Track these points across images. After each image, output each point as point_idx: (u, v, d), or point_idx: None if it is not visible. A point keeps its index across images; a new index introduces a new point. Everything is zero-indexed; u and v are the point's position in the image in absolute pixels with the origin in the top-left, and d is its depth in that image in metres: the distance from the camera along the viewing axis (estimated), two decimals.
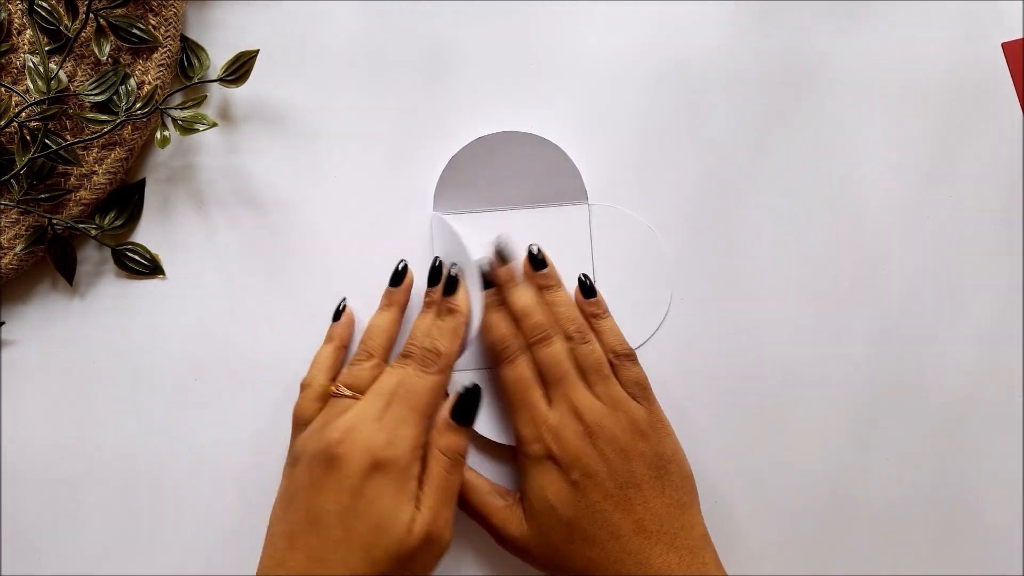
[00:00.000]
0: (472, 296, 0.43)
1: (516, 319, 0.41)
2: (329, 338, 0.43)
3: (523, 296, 0.42)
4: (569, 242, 0.44)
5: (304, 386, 0.41)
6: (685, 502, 0.39)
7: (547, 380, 0.40)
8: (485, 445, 0.43)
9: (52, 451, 0.44)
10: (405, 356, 0.40)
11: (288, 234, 0.45)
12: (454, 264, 0.43)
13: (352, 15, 0.46)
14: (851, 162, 0.45)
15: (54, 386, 0.44)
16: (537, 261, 0.43)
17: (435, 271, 0.42)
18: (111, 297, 0.45)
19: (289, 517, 0.37)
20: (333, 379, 0.42)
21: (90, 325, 0.45)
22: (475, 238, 0.44)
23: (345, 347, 0.43)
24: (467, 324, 0.42)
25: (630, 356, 0.41)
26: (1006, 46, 0.46)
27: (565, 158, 0.45)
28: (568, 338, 0.41)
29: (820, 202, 0.45)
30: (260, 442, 0.43)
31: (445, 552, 0.37)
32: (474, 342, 0.43)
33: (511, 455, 0.43)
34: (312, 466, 0.37)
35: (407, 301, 0.43)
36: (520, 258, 0.43)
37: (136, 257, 0.45)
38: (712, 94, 0.46)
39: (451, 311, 0.41)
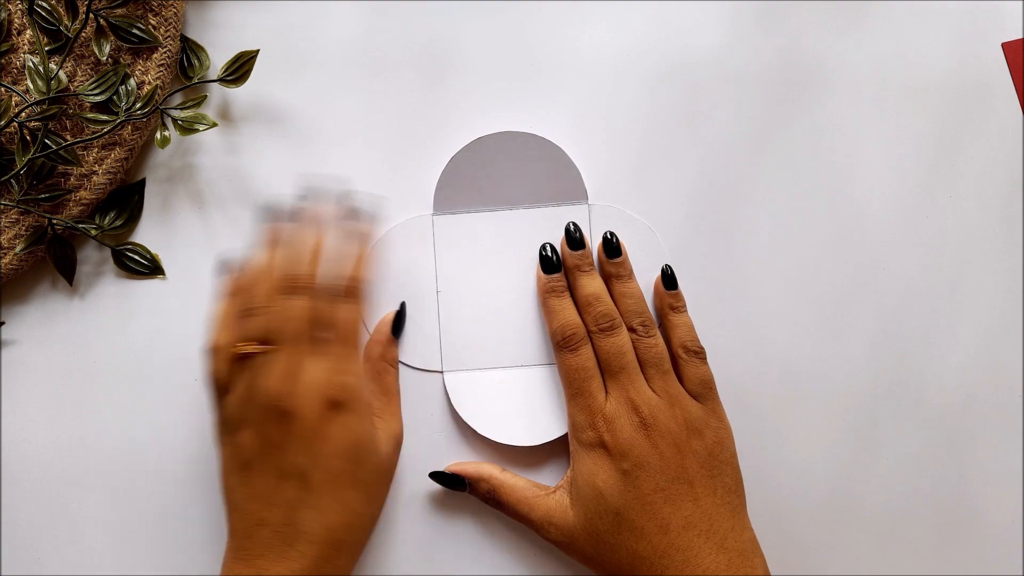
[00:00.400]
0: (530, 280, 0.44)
1: (581, 306, 0.41)
2: (230, 293, 0.40)
3: (593, 283, 0.42)
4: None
5: (214, 349, 0.38)
6: (736, 505, 0.39)
7: (607, 370, 0.40)
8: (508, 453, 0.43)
9: (52, 451, 0.44)
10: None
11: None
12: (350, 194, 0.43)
13: (352, 15, 0.46)
14: (851, 162, 0.45)
15: (54, 386, 0.44)
16: (612, 248, 0.42)
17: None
18: (111, 297, 0.45)
19: (253, 481, 0.36)
20: None
21: (90, 325, 0.45)
22: (476, 237, 0.44)
23: None
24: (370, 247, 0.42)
25: (699, 353, 0.41)
26: (1006, 46, 0.46)
27: (565, 158, 0.45)
28: (632, 330, 0.41)
29: (820, 202, 0.45)
30: None
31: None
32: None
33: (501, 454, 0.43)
34: (264, 428, 0.36)
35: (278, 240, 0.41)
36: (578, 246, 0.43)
37: (136, 257, 0.45)
38: (712, 94, 0.46)
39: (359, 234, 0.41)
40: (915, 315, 0.44)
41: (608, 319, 0.41)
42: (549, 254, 0.43)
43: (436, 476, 0.42)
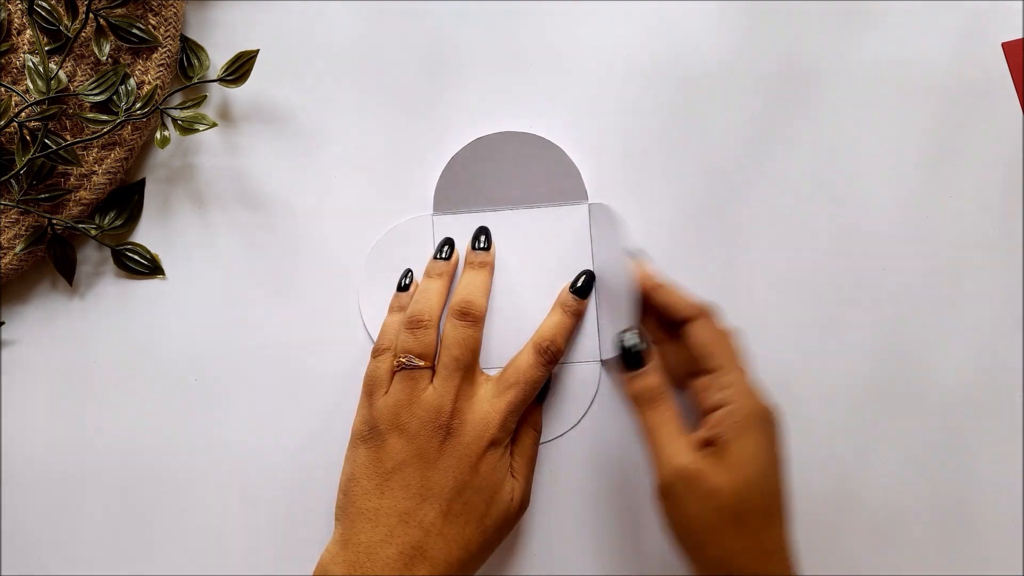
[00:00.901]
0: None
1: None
2: (398, 308, 0.43)
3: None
4: (569, 242, 0.44)
5: (378, 352, 0.40)
6: None
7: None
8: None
9: (52, 451, 0.44)
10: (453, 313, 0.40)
11: (288, 234, 0.45)
12: (483, 229, 0.44)
13: (352, 15, 0.46)
14: (851, 162, 0.45)
15: (54, 386, 0.44)
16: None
17: (474, 237, 0.43)
18: (111, 297, 0.45)
19: (394, 493, 0.37)
20: None
21: (90, 325, 0.45)
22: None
23: None
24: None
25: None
26: (1006, 46, 0.46)
27: (564, 157, 0.45)
28: None
29: (820, 202, 0.45)
30: (260, 441, 0.43)
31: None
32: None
33: None
34: (420, 440, 0.37)
35: (455, 272, 0.43)
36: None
37: (136, 257, 0.45)
38: (712, 94, 0.46)
39: (482, 264, 0.43)
40: (915, 315, 0.44)
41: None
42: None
43: (624, 340, 0.39)
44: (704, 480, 0.35)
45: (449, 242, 0.43)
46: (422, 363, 0.39)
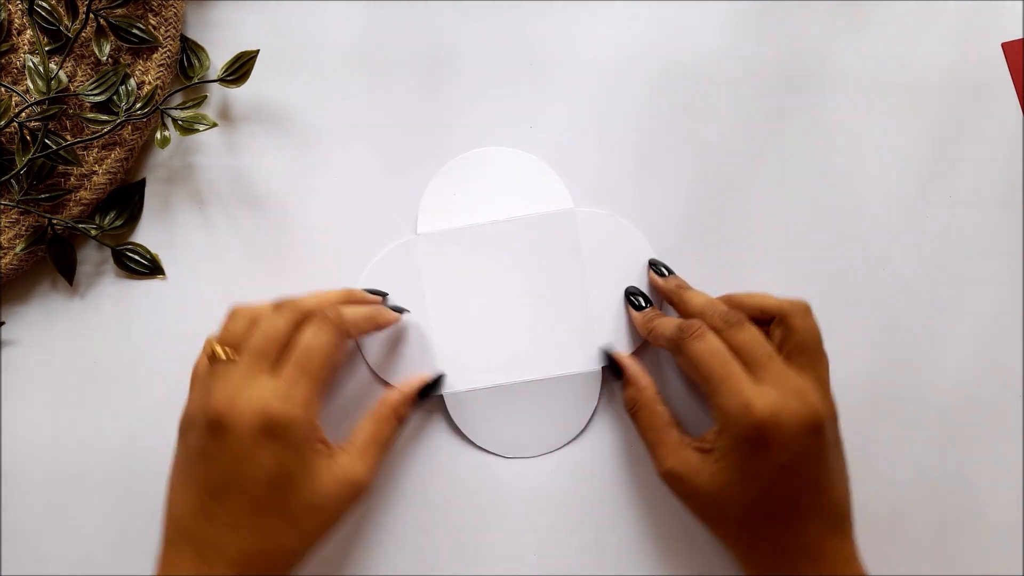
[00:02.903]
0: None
1: (698, 316, 0.40)
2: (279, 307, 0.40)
3: (701, 296, 0.41)
4: (557, 250, 0.44)
5: (204, 345, 0.39)
6: (849, 480, 0.39)
7: (752, 362, 0.37)
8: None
9: (52, 451, 0.44)
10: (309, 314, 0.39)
11: (288, 234, 0.45)
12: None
13: (352, 15, 0.46)
14: (851, 162, 0.45)
15: (54, 386, 0.44)
16: (662, 270, 0.43)
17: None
18: (111, 297, 0.45)
19: (188, 488, 0.36)
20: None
21: (90, 325, 0.45)
22: (465, 252, 0.44)
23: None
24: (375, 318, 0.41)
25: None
26: (1006, 46, 0.46)
27: (545, 168, 0.45)
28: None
29: (820, 202, 0.45)
30: None
31: (363, 495, 0.38)
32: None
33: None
34: (202, 437, 0.36)
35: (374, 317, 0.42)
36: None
37: (136, 257, 0.45)
38: (712, 94, 0.46)
39: (371, 304, 0.42)
40: (915, 315, 0.44)
41: (736, 316, 0.38)
42: (637, 300, 0.43)
43: (607, 355, 0.43)
44: (687, 480, 0.38)
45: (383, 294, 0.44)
46: (225, 354, 0.37)
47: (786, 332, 0.38)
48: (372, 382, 0.44)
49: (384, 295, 0.44)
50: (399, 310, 0.43)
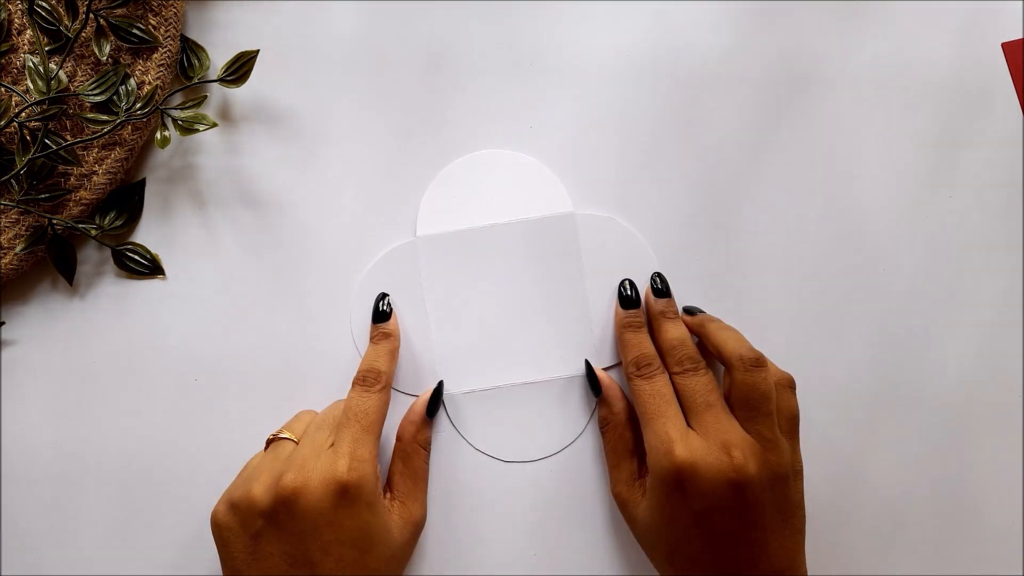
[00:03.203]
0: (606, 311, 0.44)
1: (665, 350, 0.41)
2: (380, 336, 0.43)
3: (678, 329, 0.41)
4: (556, 253, 0.44)
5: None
6: (800, 542, 0.38)
7: (691, 408, 0.38)
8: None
9: (52, 451, 0.44)
10: (352, 383, 0.41)
11: (288, 234, 0.45)
12: (384, 296, 0.44)
13: (352, 15, 0.46)
14: (851, 162, 0.45)
15: (54, 386, 0.44)
16: (661, 290, 0.43)
17: (375, 310, 0.44)
18: (111, 297, 0.45)
19: (264, 564, 0.36)
20: None
21: (90, 325, 0.45)
22: (465, 254, 0.44)
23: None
24: (398, 345, 0.43)
25: (760, 361, 0.40)
26: (1006, 46, 0.46)
27: (545, 171, 0.45)
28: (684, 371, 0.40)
29: (820, 202, 0.45)
30: (260, 442, 0.43)
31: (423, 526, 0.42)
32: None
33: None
34: (273, 519, 0.36)
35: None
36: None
37: (136, 257, 0.45)
38: (712, 94, 0.46)
39: (385, 336, 0.43)
40: (915, 315, 0.44)
41: (693, 362, 0.39)
42: (628, 292, 0.43)
43: (589, 367, 0.43)
44: (629, 508, 0.40)
45: (383, 297, 0.44)
46: (287, 435, 0.40)
47: (730, 384, 0.39)
48: None
49: (384, 295, 0.44)
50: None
